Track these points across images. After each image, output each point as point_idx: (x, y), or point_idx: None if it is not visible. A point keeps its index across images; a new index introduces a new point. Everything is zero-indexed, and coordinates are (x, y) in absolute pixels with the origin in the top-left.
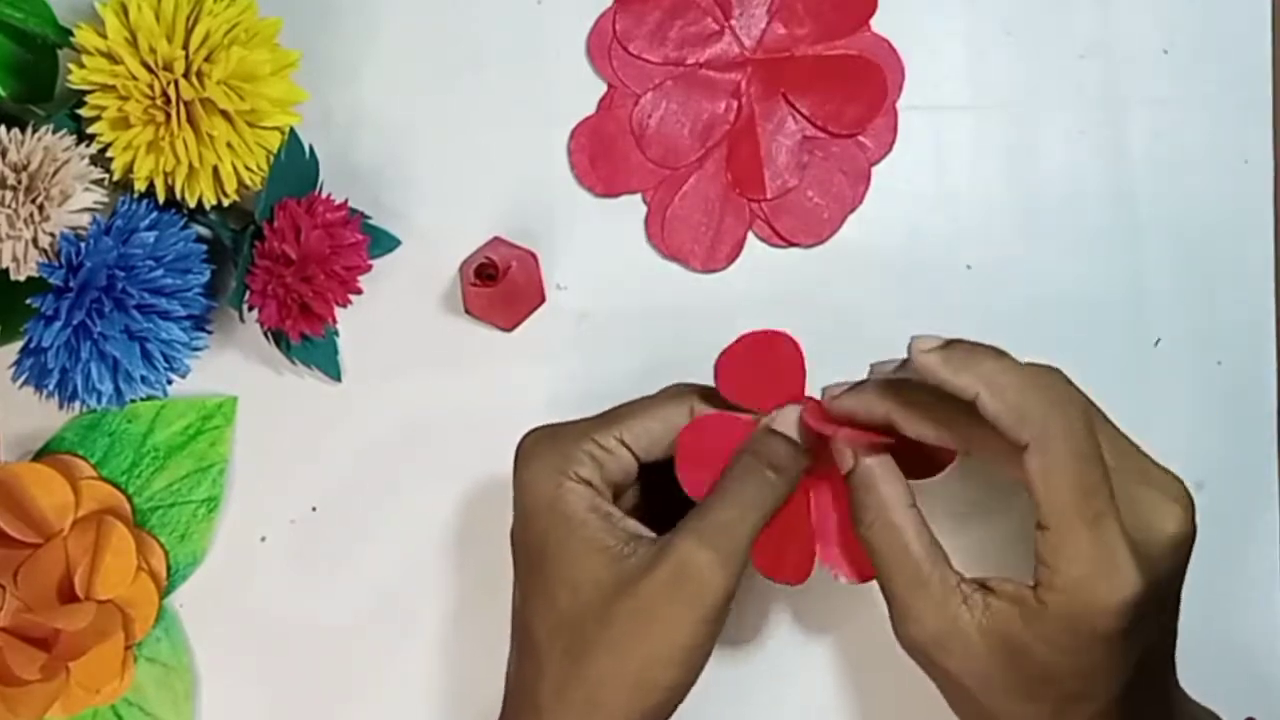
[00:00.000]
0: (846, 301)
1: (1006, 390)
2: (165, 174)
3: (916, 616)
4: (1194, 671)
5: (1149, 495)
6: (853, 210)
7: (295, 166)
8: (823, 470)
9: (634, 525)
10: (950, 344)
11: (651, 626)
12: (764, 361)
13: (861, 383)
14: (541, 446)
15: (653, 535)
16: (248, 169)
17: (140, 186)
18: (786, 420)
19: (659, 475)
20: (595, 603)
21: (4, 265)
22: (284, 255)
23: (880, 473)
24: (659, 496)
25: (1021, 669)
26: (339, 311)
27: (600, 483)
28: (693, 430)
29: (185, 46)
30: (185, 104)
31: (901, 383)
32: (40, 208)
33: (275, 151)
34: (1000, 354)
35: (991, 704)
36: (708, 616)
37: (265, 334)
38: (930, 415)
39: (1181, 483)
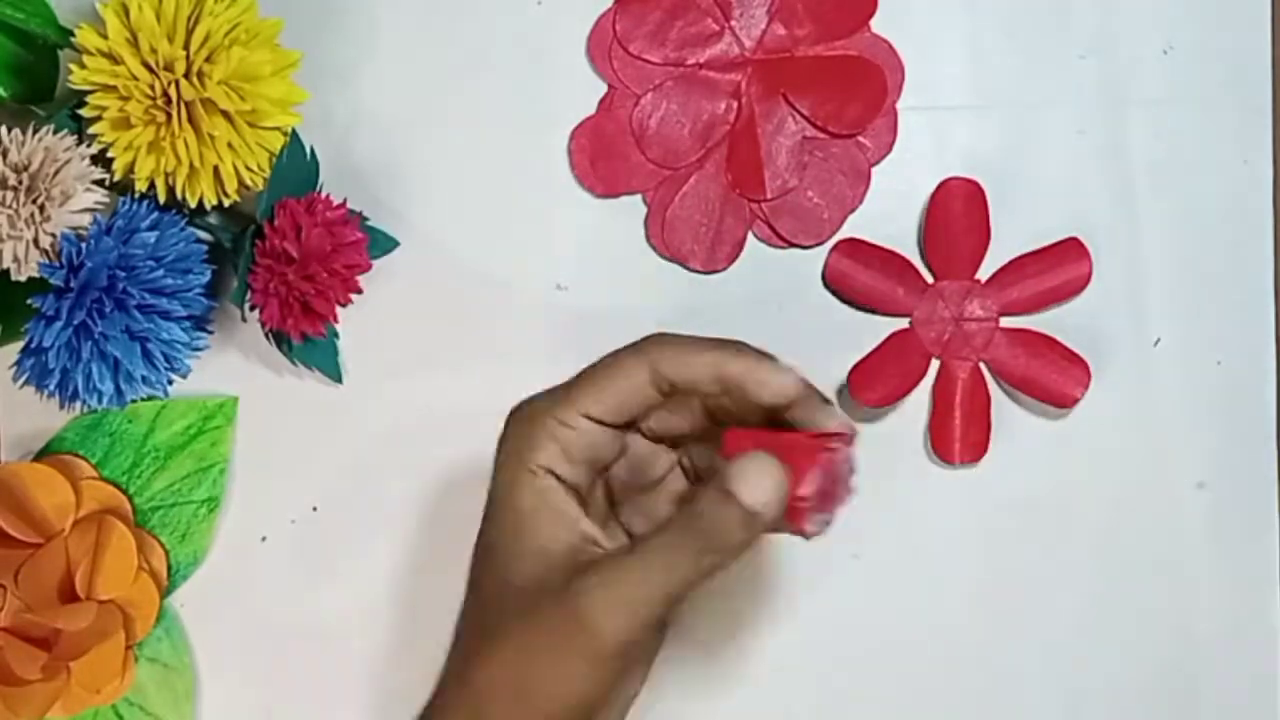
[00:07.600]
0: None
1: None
2: (166, 174)
3: None
4: (1194, 672)
5: None
6: (853, 210)
7: (295, 167)
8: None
9: (587, 528)
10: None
11: (540, 657)
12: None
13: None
14: (512, 428)
15: (602, 544)
16: (248, 169)
17: (141, 187)
18: (754, 485)
19: None
20: (517, 599)
21: (5, 265)
22: (285, 253)
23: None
24: None
25: None
26: (339, 311)
27: (565, 465)
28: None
29: (186, 47)
30: (186, 104)
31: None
32: (41, 208)
33: (276, 152)
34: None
35: None
36: (598, 660)
37: (266, 334)
38: None
39: None
